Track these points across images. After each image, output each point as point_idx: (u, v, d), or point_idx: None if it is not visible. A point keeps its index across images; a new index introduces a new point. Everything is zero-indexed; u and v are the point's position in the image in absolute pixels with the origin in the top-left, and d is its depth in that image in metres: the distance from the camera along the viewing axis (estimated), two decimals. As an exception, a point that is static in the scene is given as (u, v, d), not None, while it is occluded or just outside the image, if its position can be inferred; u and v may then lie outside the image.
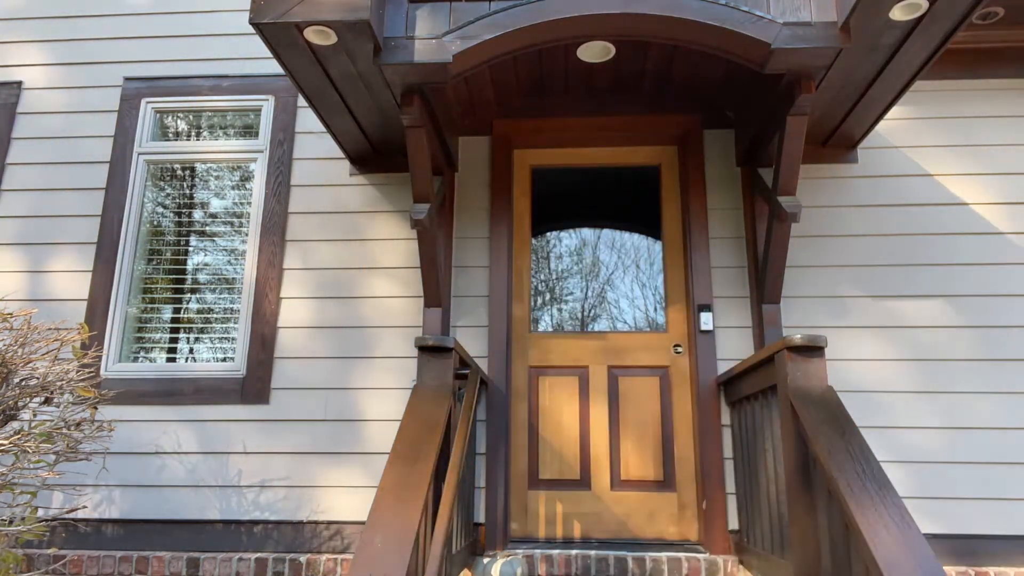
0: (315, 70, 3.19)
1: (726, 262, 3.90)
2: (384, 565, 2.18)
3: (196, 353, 4.11)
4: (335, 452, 3.77)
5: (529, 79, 3.91)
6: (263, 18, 2.86)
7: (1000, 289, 3.76)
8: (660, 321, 4.05)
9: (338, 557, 3.49)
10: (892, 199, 3.91)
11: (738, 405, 3.55)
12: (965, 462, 3.56)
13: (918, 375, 3.67)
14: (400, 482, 2.48)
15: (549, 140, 4.22)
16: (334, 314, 3.96)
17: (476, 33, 3.02)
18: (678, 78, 3.88)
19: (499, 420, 3.76)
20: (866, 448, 2.44)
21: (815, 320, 3.77)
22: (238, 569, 3.47)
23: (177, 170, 4.37)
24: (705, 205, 3.96)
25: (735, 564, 3.34)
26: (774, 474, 3.01)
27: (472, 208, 4.09)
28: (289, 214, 4.13)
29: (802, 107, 3.13)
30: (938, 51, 3.01)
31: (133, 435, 3.85)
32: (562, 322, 4.13)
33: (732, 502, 3.58)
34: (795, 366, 2.74)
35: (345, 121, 3.67)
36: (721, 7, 2.95)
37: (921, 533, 2.15)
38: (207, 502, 3.75)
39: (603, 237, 4.23)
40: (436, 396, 2.90)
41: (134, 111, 4.35)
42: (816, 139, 3.87)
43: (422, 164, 3.42)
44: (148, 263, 4.24)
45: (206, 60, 4.40)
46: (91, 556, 3.57)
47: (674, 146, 4.22)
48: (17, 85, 4.46)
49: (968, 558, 3.44)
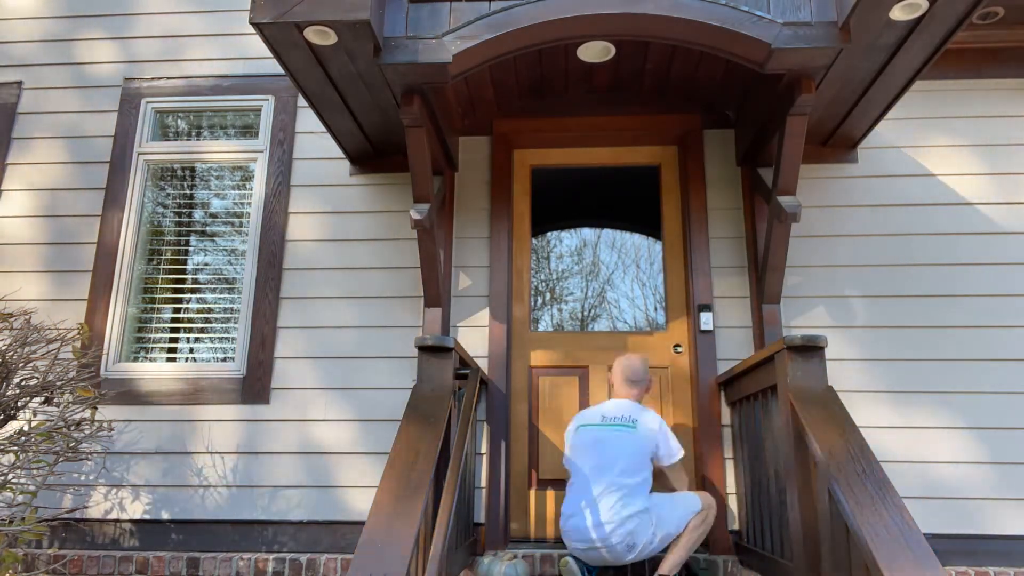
0: (315, 70, 3.19)
1: (726, 262, 3.90)
2: (384, 565, 2.18)
3: (196, 353, 4.11)
4: (335, 452, 3.77)
5: (529, 79, 3.91)
6: (263, 18, 2.86)
7: (1000, 289, 3.76)
8: (660, 321, 4.05)
9: (338, 557, 3.49)
10: (892, 199, 3.91)
11: (738, 405, 3.55)
12: (965, 462, 3.56)
13: (918, 375, 3.67)
14: (400, 482, 2.48)
15: (549, 140, 4.22)
16: (334, 314, 3.96)
17: (476, 33, 3.02)
18: (678, 78, 3.88)
19: (499, 420, 3.76)
20: (866, 448, 2.44)
21: (815, 320, 3.77)
22: (238, 569, 3.47)
23: (177, 170, 4.37)
24: (705, 205, 3.96)
25: (735, 564, 3.34)
26: (774, 474, 3.01)
27: (472, 208, 4.09)
28: (289, 214, 4.13)
29: (802, 107, 3.13)
30: (938, 51, 3.01)
31: (133, 435, 3.85)
32: (562, 322, 4.13)
33: (732, 502, 3.58)
34: (795, 366, 2.74)
35: (345, 121, 3.67)
36: (721, 7, 2.95)
37: (921, 533, 2.15)
38: (207, 502, 3.75)
39: (603, 237, 4.23)
40: (436, 396, 2.90)
41: (134, 111, 4.35)
42: (816, 139, 3.88)
43: (422, 164, 3.42)
44: (148, 263, 4.24)
45: (206, 60, 4.40)
46: (91, 556, 3.57)
47: (674, 146, 4.23)
48: (17, 85, 4.46)
49: (968, 558, 3.44)
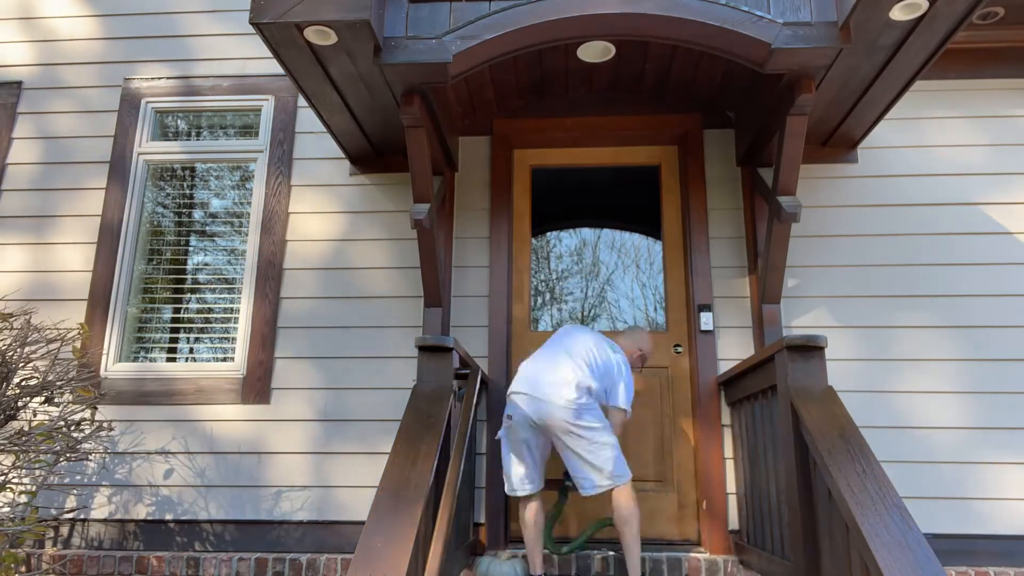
0: (315, 70, 3.19)
1: (726, 262, 3.90)
2: (384, 565, 2.18)
3: (196, 353, 4.11)
4: (335, 452, 3.77)
5: (529, 79, 3.91)
6: (263, 18, 2.86)
7: (1000, 289, 3.76)
8: (660, 321, 4.05)
9: (338, 557, 3.49)
10: (892, 199, 3.91)
11: (738, 405, 3.55)
12: (965, 462, 3.55)
13: (918, 375, 3.67)
14: (400, 482, 2.48)
15: (549, 140, 4.22)
16: (334, 314, 3.96)
17: (476, 33, 3.02)
18: (678, 78, 3.87)
19: (499, 420, 3.76)
20: (866, 448, 2.44)
21: (815, 320, 3.77)
22: (238, 569, 3.47)
23: (177, 170, 4.37)
24: (705, 205, 3.96)
25: (735, 564, 3.34)
26: (774, 474, 3.01)
27: (472, 208, 4.09)
28: (289, 214, 4.13)
29: (802, 107, 3.13)
30: (938, 51, 3.01)
31: (133, 435, 3.85)
32: (562, 322, 4.12)
33: (732, 502, 3.58)
34: (795, 366, 2.74)
35: (345, 121, 3.67)
36: (721, 7, 2.95)
37: (921, 533, 2.15)
38: (207, 502, 3.75)
39: (603, 237, 4.23)
40: (436, 396, 2.90)
41: (134, 111, 4.35)
42: (816, 139, 3.87)
43: (422, 164, 3.42)
44: (148, 263, 4.24)
45: (206, 60, 4.40)
46: (91, 556, 3.57)
47: (674, 146, 4.22)
48: (17, 85, 4.46)
49: (968, 558, 3.44)
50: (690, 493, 3.75)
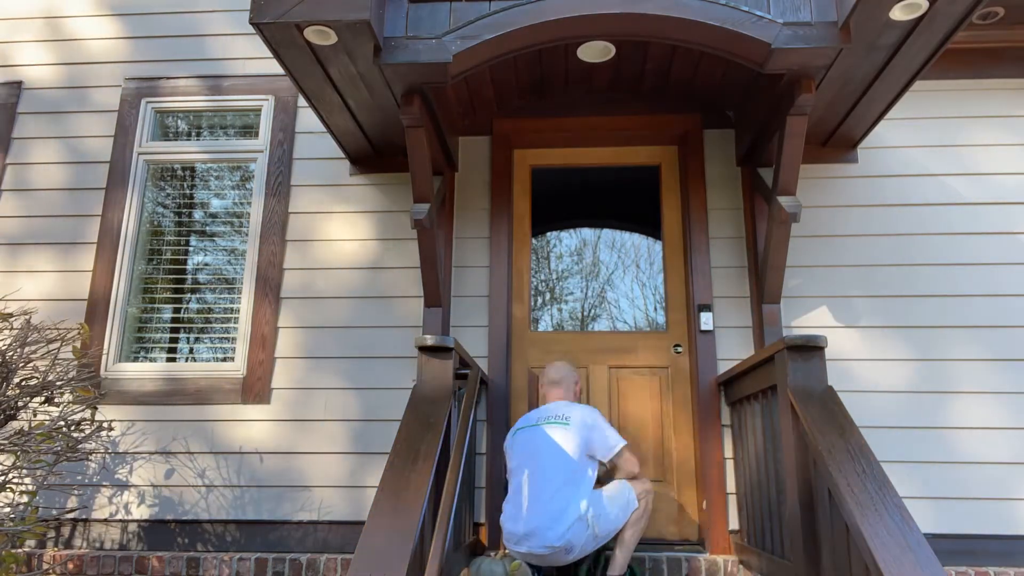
0: (315, 70, 3.19)
1: (726, 262, 3.90)
2: (384, 565, 2.18)
3: (196, 353, 4.11)
4: (335, 452, 3.77)
5: (529, 79, 3.91)
6: (263, 18, 2.86)
7: (1000, 289, 3.76)
8: (660, 321, 4.05)
9: (338, 557, 3.49)
10: (892, 199, 3.91)
11: (738, 405, 3.55)
12: (965, 462, 3.55)
13: (918, 375, 3.67)
14: (400, 482, 2.48)
15: (549, 140, 4.22)
16: (334, 314, 3.96)
17: (476, 33, 3.02)
18: (678, 78, 3.88)
19: (499, 420, 3.76)
20: (866, 448, 2.44)
21: (815, 320, 3.77)
22: (238, 569, 3.47)
23: (177, 170, 4.37)
24: (705, 205, 3.96)
25: (735, 564, 3.34)
26: (774, 474, 3.01)
27: (472, 208, 4.09)
28: (289, 214, 4.13)
29: (802, 107, 3.13)
30: (938, 51, 3.01)
31: (133, 435, 3.85)
32: (562, 322, 4.13)
33: (732, 502, 3.58)
34: (795, 366, 2.74)
35: (345, 121, 3.67)
36: (721, 7, 2.95)
37: (921, 533, 2.15)
38: (207, 501, 3.75)
39: (603, 237, 4.23)
40: (436, 396, 2.90)
41: (134, 111, 4.35)
42: (816, 139, 3.87)
43: (422, 164, 3.42)
44: (148, 263, 4.24)
45: (206, 60, 4.40)
46: (91, 556, 3.57)
47: (674, 146, 4.22)
48: (17, 85, 4.46)
49: (968, 558, 3.44)
50: (690, 493, 3.76)
